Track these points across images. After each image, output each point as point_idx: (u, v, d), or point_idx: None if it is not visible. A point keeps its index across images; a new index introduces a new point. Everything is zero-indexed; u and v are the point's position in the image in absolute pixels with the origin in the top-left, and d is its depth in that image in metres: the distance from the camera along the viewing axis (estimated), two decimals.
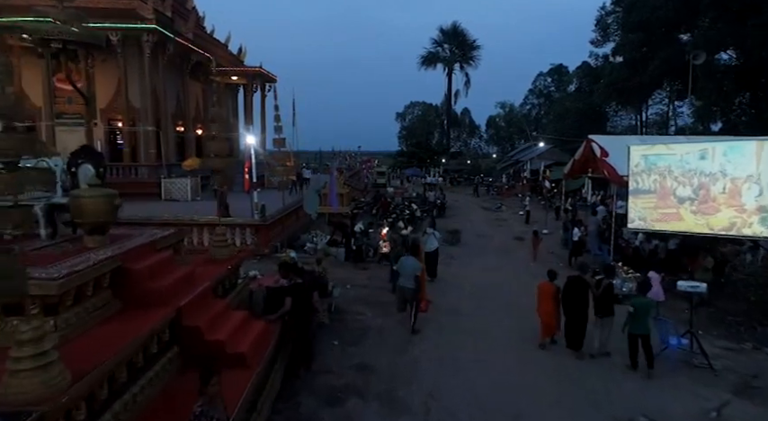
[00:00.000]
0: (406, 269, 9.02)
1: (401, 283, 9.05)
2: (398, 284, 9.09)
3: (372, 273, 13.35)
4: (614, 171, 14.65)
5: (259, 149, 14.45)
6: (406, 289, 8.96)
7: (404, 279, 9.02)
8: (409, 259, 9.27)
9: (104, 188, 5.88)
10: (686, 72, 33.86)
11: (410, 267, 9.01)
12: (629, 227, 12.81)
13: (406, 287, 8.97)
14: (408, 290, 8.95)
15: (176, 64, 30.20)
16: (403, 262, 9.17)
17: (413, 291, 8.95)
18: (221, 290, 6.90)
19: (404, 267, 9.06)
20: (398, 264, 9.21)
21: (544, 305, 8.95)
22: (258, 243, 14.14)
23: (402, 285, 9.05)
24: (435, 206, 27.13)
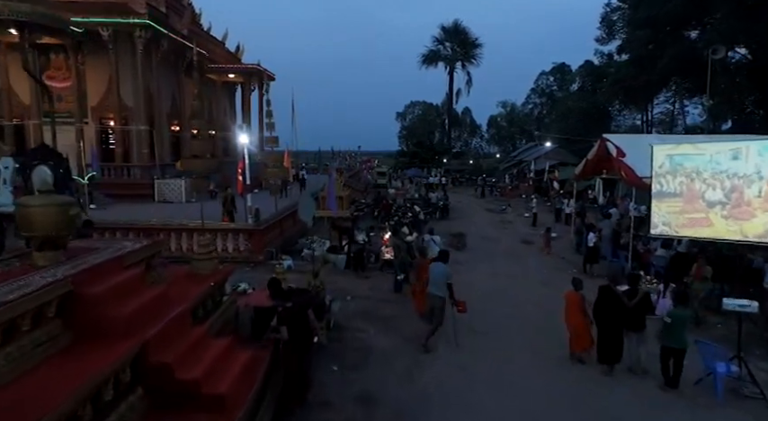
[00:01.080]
0: (435, 276, 8.51)
1: (430, 291, 8.56)
2: (428, 292, 8.61)
3: (374, 282, 12.41)
4: (632, 172, 13.74)
5: (253, 149, 13.51)
6: (435, 297, 8.45)
7: (434, 286, 8.50)
8: (438, 266, 8.66)
9: (61, 195, 4.95)
10: (696, 69, 33.06)
11: (440, 274, 8.46)
12: (653, 232, 11.87)
13: (435, 295, 8.45)
14: (436, 298, 8.43)
15: (171, 61, 29.25)
16: (432, 269, 8.68)
17: (441, 300, 8.42)
18: (202, 311, 5.96)
19: (433, 274, 8.57)
20: (430, 270, 8.76)
21: (572, 316, 8.32)
22: (252, 249, 13.20)
23: (432, 293, 8.53)
24: (438, 208, 26.16)
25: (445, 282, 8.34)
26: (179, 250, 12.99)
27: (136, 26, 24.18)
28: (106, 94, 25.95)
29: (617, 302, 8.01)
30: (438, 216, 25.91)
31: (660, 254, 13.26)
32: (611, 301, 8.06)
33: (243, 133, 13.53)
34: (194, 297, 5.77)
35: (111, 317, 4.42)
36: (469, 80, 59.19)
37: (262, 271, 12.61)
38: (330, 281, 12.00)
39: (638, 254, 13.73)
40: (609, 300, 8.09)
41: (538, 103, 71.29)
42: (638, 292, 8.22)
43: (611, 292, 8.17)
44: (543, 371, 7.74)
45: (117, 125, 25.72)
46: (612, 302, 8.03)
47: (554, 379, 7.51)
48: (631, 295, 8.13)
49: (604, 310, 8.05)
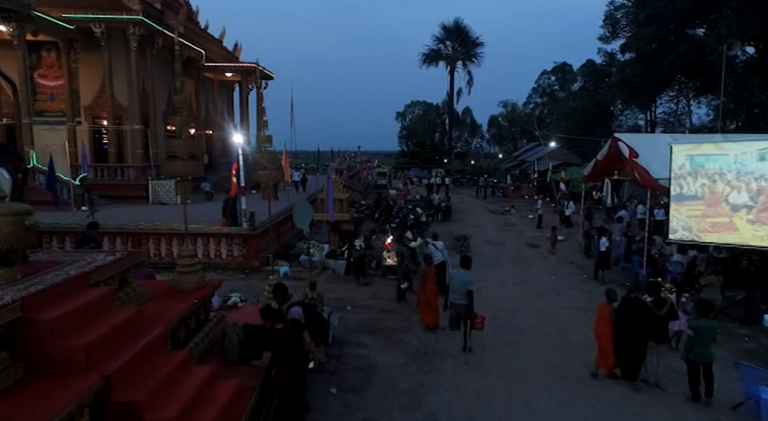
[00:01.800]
0: (457, 283, 8.17)
1: (453, 300, 8.22)
2: (449, 300, 8.31)
3: (376, 289, 11.71)
4: (647, 173, 13.07)
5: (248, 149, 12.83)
6: (460, 305, 8.12)
7: (455, 294, 8.15)
8: (460, 272, 8.38)
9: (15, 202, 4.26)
10: (703, 68, 32.42)
11: (462, 281, 8.13)
12: (671, 238, 11.19)
13: (459, 303, 8.11)
14: (462, 306, 8.10)
15: (167, 59, 28.56)
16: (453, 275, 8.41)
17: (466, 308, 8.08)
18: (183, 332, 5.28)
19: (455, 281, 8.26)
20: (450, 277, 8.53)
21: (601, 328, 7.75)
22: (246, 255, 12.51)
23: (454, 301, 8.20)
24: (440, 210, 25.47)
25: (467, 289, 8.02)
26: (170, 256, 12.30)
27: (129, 23, 23.50)
28: (99, 93, 25.24)
29: (643, 313, 7.46)
30: (440, 218, 25.22)
31: (676, 259, 12.60)
32: (637, 312, 7.48)
33: (237, 132, 12.81)
34: (174, 317, 5.08)
35: (69, 347, 3.74)
36: (470, 79, 58.52)
37: (257, 278, 11.94)
38: (329, 289, 11.33)
39: (652, 259, 13.06)
40: (634, 311, 7.50)
41: (539, 103, 70.61)
42: (664, 302, 7.71)
43: (637, 303, 7.61)
44: (564, 394, 7.06)
45: (110, 124, 25.03)
46: (638, 313, 7.46)
47: (578, 403, 6.82)
48: (658, 304, 7.63)
49: (629, 322, 7.48)
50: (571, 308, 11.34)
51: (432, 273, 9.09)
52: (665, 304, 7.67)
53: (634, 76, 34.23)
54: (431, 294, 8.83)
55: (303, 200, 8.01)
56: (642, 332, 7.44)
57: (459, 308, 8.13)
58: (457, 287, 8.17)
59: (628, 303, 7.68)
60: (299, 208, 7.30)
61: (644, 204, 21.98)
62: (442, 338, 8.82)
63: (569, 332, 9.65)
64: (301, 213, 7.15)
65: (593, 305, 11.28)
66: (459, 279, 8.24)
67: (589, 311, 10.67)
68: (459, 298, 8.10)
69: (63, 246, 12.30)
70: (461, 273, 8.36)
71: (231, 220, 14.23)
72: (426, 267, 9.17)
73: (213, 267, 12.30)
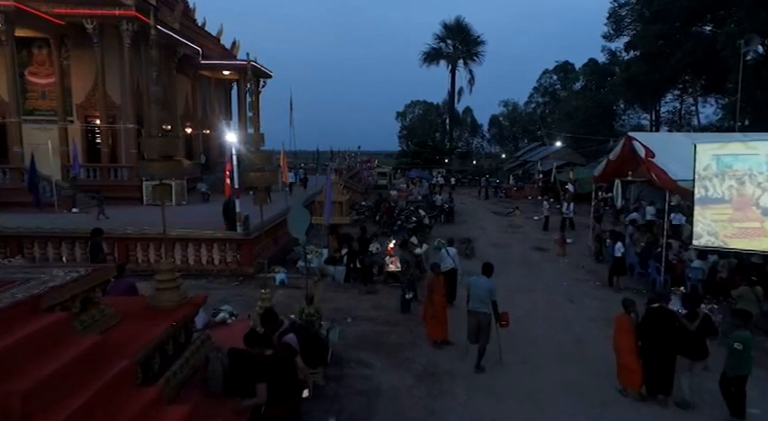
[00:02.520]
0: (478, 291, 7.69)
1: (473, 307, 7.73)
2: (469, 309, 7.80)
3: (379, 299, 10.97)
4: (665, 174, 12.33)
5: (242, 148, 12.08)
6: (481, 314, 7.64)
7: (476, 302, 7.67)
8: (481, 279, 7.86)
9: None
10: (712, 65, 31.71)
11: (483, 288, 7.68)
12: (696, 244, 10.47)
13: (480, 312, 7.64)
14: (483, 315, 7.63)
15: (161, 56, 27.81)
16: (474, 282, 7.85)
17: (487, 316, 7.63)
18: (157, 362, 4.54)
19: (475, 288, 7.74)
20: (469, 284, 7.96)
21: (622, 341, 7.10)
22: (240, 261, 11.77)
23: (474, 310, 7.70)
24: (443, 211, 24.73)
25: (490, 298, 7.61)
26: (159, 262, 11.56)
27: (122, 19, 22.77)
28: (92, 91, 24.52)
29: (671, 325, 6.84)
30: (443, 220, 24.49)
31: (696, 265, 11.88)
32: (664, 324, 6.84)
33: (230, 131, 12.08)
34: (146, 343, 4.35)
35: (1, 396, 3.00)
36: (472, 78, 57.92)
37: (251, 286, 11.20)
38: (327, 298, 10.61)
39: (670, 265, 12.33)
40: (660, 323, 6.85)
41: (540, 103, 69.91)
42: (696, 315, 7.04)
43: (663, 313, 6.96)
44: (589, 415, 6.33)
45: (103, 123, 24.30)
46: (665, 325, 6.83)
47: None
48: (690, 318, 6.98)
49: (655, 335, 6.85)
50: (586, 318, 10.63)
51: (440, 283, 8.37)
52: (696, 317, 6.99)
53: (640, 74, 33.53)
54: (439, 307, 8.11)
55: (298, 204, 7.15)
56: (670, 345, 6.80)
57: (480, 316, 7.67)
58: (477, 294, 7.71)
59: (653, 314, 7.01)
60: (294, 213, 6.50)
61: (653, 205, 21.32)
62: (451, 355, 8.09)
63: (586, 345, 8.92)
64: (296, 220, 6.36)
65: (610, 315, 10.57)
66: (480, 286, 7.77)
67: (605, 322, 9.97)
68: (480, 306, 7.65)
69: (45, 252, 11.58)
70: (482, 280, 7.87)
71: (231, 224, 13.53)
72: (434, 277, 8.43)
73: (205, 275, 11.59)
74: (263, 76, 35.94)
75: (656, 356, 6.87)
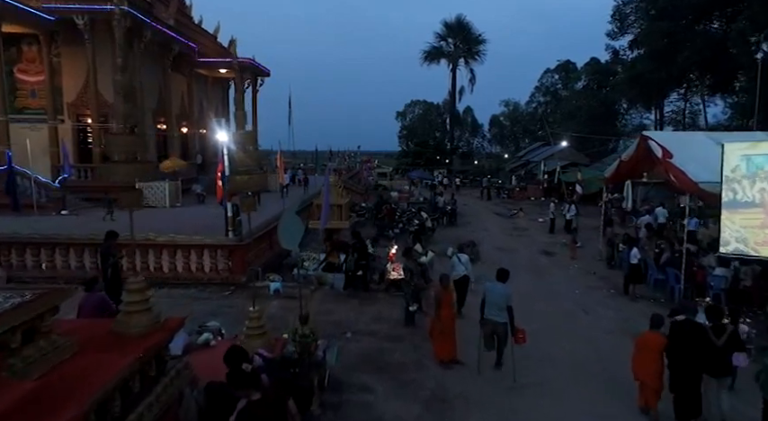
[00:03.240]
0: (495, 298, 7.40)
1: (488, 316, 7.45)
2: (485, 317, 7.49)
3: (380, 309, 10.21)
4: (684, 176, 11.60)
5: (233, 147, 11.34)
6: (497, 323, 7.37)
7: (492, 310, 7.39)
8: (497, 286, 7.57)
9: None
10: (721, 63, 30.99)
11: (500, 296, 7.40)
12: (723, 251, 9.73)
13: (497, 321, 7.36)
14: (499, 324, 7.36)
15: (156, 54, 27.07)
16: (490, 289, 7.55)
17: (504, 326, 7.34)
18: (118, 405, 3.78)
19: (492, 295, 7.45)
20: (485, 291, 7.65)
21: (651, 365, 6.37)
22: (232, 269, 11.01)
23: (490, 318, 7.42)
24: (446, 213, 23.98)
25: (506, 305, 7.30)
26: (146, 269, 10.82)
27: (114, 14, 22.00)
28: (84, 89, 23.76)
29: (701, 341, 6.17)
30: (445, 222, 23.75)
31: (719, 273, 11.15)
32: (692, 340, 6.18)
33: (221, 129, 11.31)
34: (106, 382, 3.59)
35: None
36: (473, 77, 57.07)
37: (243, 296, 10.44)
38: (325, 310, 9.87)
39: (691, 272, 11.59)
40: (688, 339, 6.20)
41: (542, 102, 69.17)
42: (723, 329, 6.38)
43: (692, 328, 6.31)
44: None
45: (95, 123, 23.53)
46: (695, 341, 6.16)
47: None
48: (716, 331, 6.33)
49: (682, 352, 6.20)
50: (603, 330, 9.89)
51: (449, 296, 7.62)
52: (723, 331, 6.35)
53: (646, 72, 32.78)
54: (447, 322, 7.38)
55: (290, 212, 6.28)
56: (699, 363, 6.15)
57: (497, 325, 7.38)
58: (495, 302, 7.39)
59: (679, 328, 6.35)
60: (285, 222, 5.68)
61: (664, 207, 20.56)
62: (462, 375, 7.35)
63: (610, 364, 8.16)
64: (288, 229, 5.55)
65: (629, 327, 9.86)
66: (497, 293, 7.44)
67: (624, 335, 9.25)
68: (497, 314, 7.34)
69: (22, 260, 10.82)
70: (498, 286, 7.55)
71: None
72: (442, 289, 7.67)
73: (194, 283, 10.82)
74: (260, 74, 35.18)
75: (685, 376, 6.20)
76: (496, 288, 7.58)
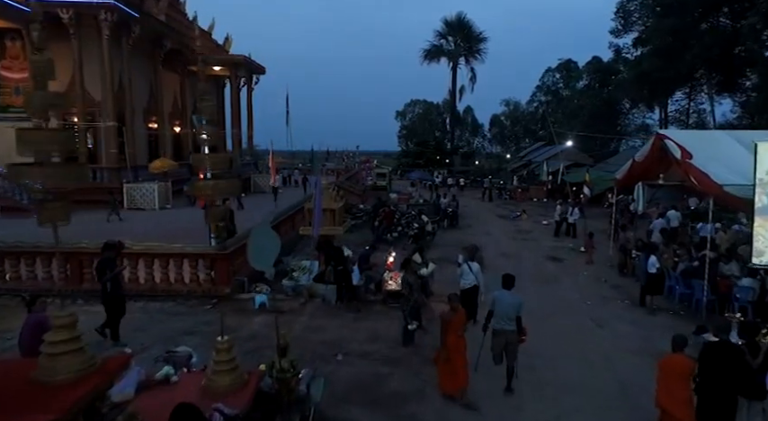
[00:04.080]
0: (505, 307, 6.97)
1: (497, 326, 7.01)
2: (495, 328, 7.04)
3: (376, 325, 9.27)
4: (707, 178, 10.66)
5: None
6: (507, 332, 6.95)
7: (503, 320, 6.95)
8: (505, 294, 7.10)
9: None
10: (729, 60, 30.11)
11: (509, 304, 6.98)
12: (756, 261, 8.80)
13: (506, 330, 6.95)
14: (511, 333, 6.96)
15: (146, 50, 26.17)
16: (500, 298, 7.06)
17: (515, 334, 6.96)
18: None
19: (502, 304, 7.00)
20: (494, 300, 7.16)
21: (677, 392, 5.50)
22: (215, 279, 10.06)
23: (499, 328, 6.99)
24: (447, 216, 23.04)
25: (516, 315, 6.93)
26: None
27: (100, 7, 21.11)
28: (70, 86, 22.83)
29: (736, 362, 5.36)
30: (446, 225, 22.82)
31: (746, 284, 10.24)
32: (728, 363, 5.35)
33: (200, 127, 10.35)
34: None
35: None
36: (473, 76, 56.15)
37: (226, 310, 9.48)
38: (315, 326, 8.94)
39: (714, 283, 10.66)
40: (724, 362, 5.36)
41: (543, 102, 68.30)
42: (758, 347, 5.77)
43: (727, 351, 5.47)
44: None
45: (81, 121, 22.62)
46: (730, 364, 5.34)
47: None
48: (752, 349, 5.74)
49: (717, 376, 5.37)
50: (622, 349, 8.95)
51: (458, 320, 6.65)
52: (759, 350, 5.67)
53: (653, 70, 31.85)
54: (455, 351, 6.42)
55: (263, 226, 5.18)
56: (731, 386, 5.36)
57: (508, 334, 6.93)
58: (505, 312, 6.94)
59: (714, 350, 5.52)
60: (256, 237, 4.63)
61: (676, 209, 19.61)
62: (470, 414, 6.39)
63: (632, 390, 7.25)
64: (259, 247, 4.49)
65: (651, 345, 8.92)
66: (507, 302, 6.98)
67: (646, 354, 8.33)
68: (508, 324, 6.91)
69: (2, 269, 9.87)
70: (507, 295, 7.08)
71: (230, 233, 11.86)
72: (449, 312, 6.71)
73: (173, 296, 9.88)
74: (256, 71, 34.29)
75: (719, 405, 5.34)
76: (506, 297, 7.05)
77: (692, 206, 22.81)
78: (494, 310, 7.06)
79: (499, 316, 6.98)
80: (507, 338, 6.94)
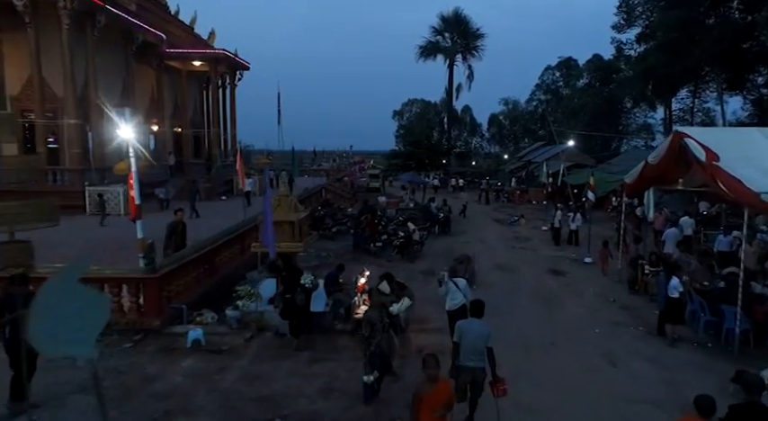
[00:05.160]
0: (474, 339, 5.80)
1: (463, 363, 5.85)
2: (461, 364, 5.88)
3: (336, 369, 7.37)
4: (740, 185, 8.87)
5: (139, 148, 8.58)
6: (477, 369, 5.82)
7: (471, 355, 5.81)
8: (474, 324, 5.98)
9: None
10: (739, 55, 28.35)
11: (480, 337, 5.81)
12: None
13: (475, 367, 5.81)
14: (480, 371, 5.82)
15: (116, 43, 24.30)
16: (467, 328, 5.87)
17: (483, 372, 5.83)
18: None
19: (471, 336, 5.82)
20: (459, 331, 5.94)
21: None
22: (143, 309, 8.21)
23: (465, 365, 5.83)
24: (437, 222, 21.23)
25: (484, 345, 5.79)
26: None
27: None
28: (29, 81, 21.02)
29: None
30: (437, 231, 21.01)
31: None
32: None
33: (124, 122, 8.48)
34: None
35: None
36: (471, 74, 54.23)
37: (150, 349, 7.67)
38: (258, 374, 7.11)
39: (748, 308, 8.87)
40: None
41: (543, 100, 66.63)
42: None
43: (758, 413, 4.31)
44: None
45: (39, 119, 20.79)
46: None
47: None
48: None
49: None
50: (644, 400, 7.14)
51: (437, 396, 4.45)
52: None
53: (659, 66, 30.08)
54: None
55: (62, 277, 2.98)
56: None
57: (476, 372, 5.80)
58: (474, 345, 5.79)
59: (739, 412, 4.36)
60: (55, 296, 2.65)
61: (690, 216, 17.79)
62: None
63: None
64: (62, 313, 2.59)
65: (677, 395, 7.12)
66: (476, 333, 5.83)
67: (674, 408, 6.53)
68: (477, 359, 5.79)
69: None
70: (476, 325, 5.95)
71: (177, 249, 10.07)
72: (428, 385, 4.44)
73: None
74: (238, 67, 32.45)
75: None
76: (475, 327, 5.90)
77: (704, 211, 21.00)
78: (460, 343, 5.86)
79: (467, 350, 5.81)
80: (475, 377, 5.84)
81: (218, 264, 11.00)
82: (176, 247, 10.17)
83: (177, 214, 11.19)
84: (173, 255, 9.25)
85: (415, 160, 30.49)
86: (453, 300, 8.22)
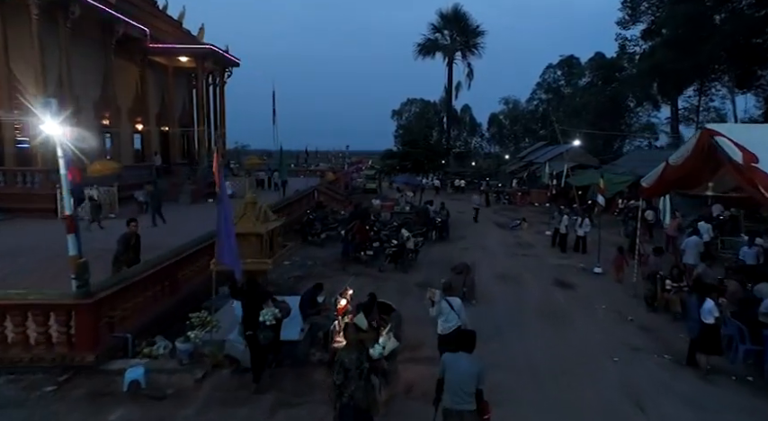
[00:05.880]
0: (461, 377, 4.83)
1: (449, 406, 4.91)
2: (446, 406, 4.95)
3: (303, 419, 6.05)
4: None
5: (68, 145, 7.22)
6: (464, 413, 4.83)
7: (457, 395, 4.83)
8: (461, 359, 4.99)
9: None
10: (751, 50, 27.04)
11: (466, 374, 4.85)
12: None
13: (462, 410, 4.83)
14: (468, 414, 4.83)
15: (94, 36, 22.89)
16: (451, 365, 4.93)
17: (473, 415, 4.83)
18: None
19: (456, 374, 4.87)
20: (443, 365, 5.02)
21: None
22: (75, 341, 6.80)
23: (452, 408, 4.88)
24: (435, 227, 19.84)
25: (476, 387, 4.87)
26: None
27: None
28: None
29: None
30: (434, 237, 19.62)
31: None
32: None
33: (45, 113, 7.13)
34: None
35: None
36: (470, 72, 52.90)
37: (78, 393, 6.26)
38: None
39: None
40: None
41: (544, 100, 65.34)
42: None
43: None
44: None
45: (9, 115, 19.38)
46: None
47: None
48: None
49: None
50: None
51: None
52: None
53: (667, 62, 28.72)
54: None
55: None
56: None
57: (465, 416, 4.88)
58: (459, 384, 4.91)
59: None
60: None
61: (706, 220, 16.43)
62: None
63: None
64: None
65: None
66: (462, 371, 4.96)
67: None
68: (464, 400, 4.88)
69: None
70: (463, 360, 5.03)
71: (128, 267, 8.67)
72: None
73: (9, 367, 6.61)
74: (227, 63, 31.04)
75: None
76: (462, 364, 4.99)
77: (719, 214, 19.56)
78: (444, 379, 5.02)
79: (452, 389, 4.92)
80: None
81: (181, 280, 9.60)
82: (129, 263, 8.79)
83: (130, 225, 9.80)
84: (117, 275, 7.86)
85: (412, 161, 29.11)
86: (447, 323, 7.26)
